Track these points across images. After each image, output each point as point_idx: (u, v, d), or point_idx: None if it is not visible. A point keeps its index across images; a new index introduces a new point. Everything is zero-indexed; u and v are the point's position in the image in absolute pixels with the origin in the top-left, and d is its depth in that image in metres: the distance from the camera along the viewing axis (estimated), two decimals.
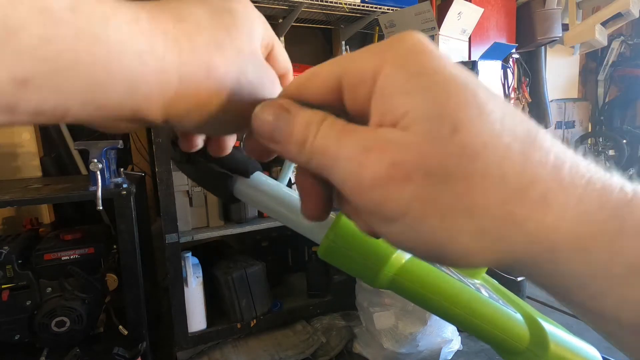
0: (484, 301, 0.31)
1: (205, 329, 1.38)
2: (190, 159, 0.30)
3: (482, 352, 1.45)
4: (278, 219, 0.32)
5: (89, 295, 1.16)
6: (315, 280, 1.60)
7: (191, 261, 1.36)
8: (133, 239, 1.16)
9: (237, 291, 1.40)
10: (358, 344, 1.43)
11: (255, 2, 1.81)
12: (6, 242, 1.16)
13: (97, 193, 1.07)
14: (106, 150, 1.13)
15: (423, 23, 1.68)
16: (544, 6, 2.44)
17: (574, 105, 3.28)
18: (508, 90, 2.55)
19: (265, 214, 1.32)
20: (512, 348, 0.30)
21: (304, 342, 1.44)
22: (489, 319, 0.30)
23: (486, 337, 0.30)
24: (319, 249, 0.31)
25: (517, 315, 0.31)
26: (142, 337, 1.21)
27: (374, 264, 0.30)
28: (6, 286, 1.09)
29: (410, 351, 1.30)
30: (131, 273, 1.18)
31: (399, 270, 0.30)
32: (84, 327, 1.15)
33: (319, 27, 2.24)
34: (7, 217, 1.55)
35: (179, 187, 1.34)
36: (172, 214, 1.26)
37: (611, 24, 2.62)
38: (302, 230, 0.32)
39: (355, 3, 1.88)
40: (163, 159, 1.24)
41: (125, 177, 1.26)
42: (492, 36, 2.35)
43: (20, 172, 1.58)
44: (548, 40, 2.54)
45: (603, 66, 3.24)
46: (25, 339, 1.11)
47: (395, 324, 1.31)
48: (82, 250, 1.17)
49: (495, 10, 2.36)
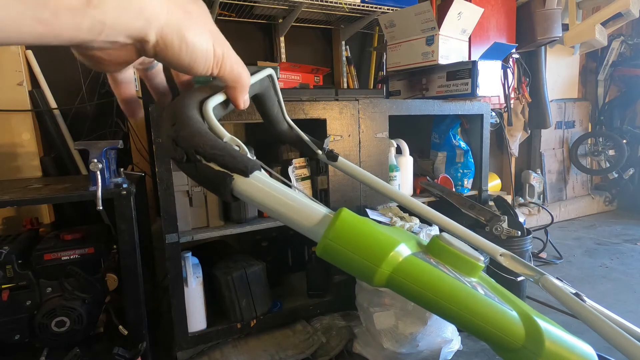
0: (480, 299, 0.31)
1: (205, 329, 1.38)
2: (190, 158, 0.30)
3: (482, 352, 1.45)
4: (277, 218, 0.32)
5: (89, 295, 1.16)
6: (315, 280, 1.60)
7: (191, 261, 1.36)
8: (133, 239, 1.16)
9: (237, 291, 1.40)
10: (358, 344, 1.43)
11: (256, 2, 1.81)
12: (6, 242, 1.16)
13: (97, 193, 1.07)
14: (106, 150, 1.13)
15: (423, 23, 1.68)
16: (544, 6, 2.44)
17: (574, 105, 3.28)
18: (508, 90, 2.55)
19: (265, 213, 1.32)
20: (508, 345, 0.30)
21: (304, 342, 1.44)
22: (485, 316, 0.30)
23: (482, 335, 0.30)
24: (317, 247, 0.31)
25: (513, 313, 0.31)
26: (142, 337, 1.21)
27: (371, 263, 0.30)
28: (6, 286, 1.09)
29: (410, 351, 1.31)
30: (131, 273, 1.18)
31: (396, 269, 0.30)
32: (84, 327, 1.15)
33: (319, 27, 2.24)
34: (7, 217, 1.55)
35: (179, 187, 1.34)
36: (172, 214, 1.26)
37: (611, 24, 2.62)
38: (301, 229, 0.32)
39: (355, 3, 1.88)
40: (163, 159, 1.24)
41: (125, 177, 1.26)
42: (492, 36, 2.35)
43: (20, 172, 1.59)
44: (548, 40, 2.54)
45: (603, 66, 3.24)
46: (25, 339, 1.12)
47: (395, 324, 1.31)
48: (82, 250, 1.17)
49: (495, 10, 2.36)
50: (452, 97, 1.74)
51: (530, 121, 2.88)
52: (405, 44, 1.78)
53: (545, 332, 0.30)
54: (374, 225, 0.31)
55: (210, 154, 0.30)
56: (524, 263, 0.51)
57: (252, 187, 0.31)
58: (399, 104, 1.64)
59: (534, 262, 2.29)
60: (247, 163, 0.31)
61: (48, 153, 1.67)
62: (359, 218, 0.31)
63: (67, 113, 1.70)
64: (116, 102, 1.73)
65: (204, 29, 0.32)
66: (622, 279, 2.07)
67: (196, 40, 0.31)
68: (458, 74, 1.69)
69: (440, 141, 2.03)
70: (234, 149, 0.32)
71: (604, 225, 3.06)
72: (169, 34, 0.29)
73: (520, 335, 0.30)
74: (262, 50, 2.10)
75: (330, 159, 0.66)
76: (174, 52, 0.30)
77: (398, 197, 0.65)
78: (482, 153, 1.92)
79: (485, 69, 1.67)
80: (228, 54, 0.35)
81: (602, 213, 3.44)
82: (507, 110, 2.64)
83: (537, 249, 2.43)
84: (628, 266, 2.23)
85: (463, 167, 1.94)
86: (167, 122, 0.32)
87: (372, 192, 1.61)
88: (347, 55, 2.29)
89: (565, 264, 2.32)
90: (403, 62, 1.81)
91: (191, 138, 0.30)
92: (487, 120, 1.91)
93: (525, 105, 2.82)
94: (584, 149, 3.28)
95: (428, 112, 1.72)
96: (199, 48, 0.31)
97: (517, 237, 1.62)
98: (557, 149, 3.22)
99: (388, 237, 0.30)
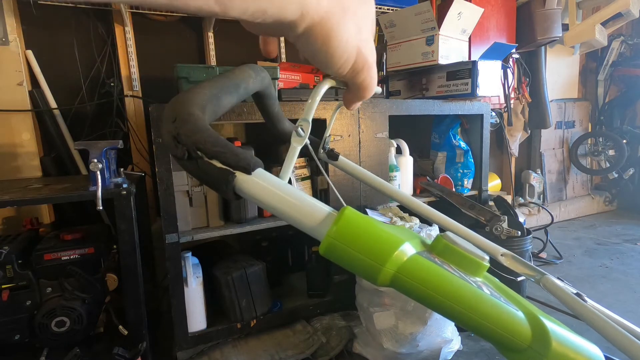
0: (485, 299, 0.30)
1: (205, 329, 1.38)
2: (192, 155, 0.30)
3: (482, 352, 1.45)
4: (280, 216, 0.32)
5: (89, 295, 1.16)
6: (315, 280, 1.60)
7: (191, 261, 1.36)
8: (133, 239, 1.16)
9: (237, 291, 1.39)
10: (358, 344, 1.42)
11: None
12: (6, 242, 1.16)
13: (97, 193, 1.07)
14: (106, 150, 1.13)
15: (423, 23, 1.68)
16: (544, 6, 2.44)
17: (574, 105, 3.28)
18: (508, 90, 2.55)
19: (266, 212, 1.31)
20: (514, 346, 0.30)
21: (304, 342, 1.44)
22: (491, 316, 0.30)
23: (488, 335, 0.30)
24: (321, 246, 0.31)
25: (519, 313, 0.31)
26: (142, 337, 1.21)
27: (376, 262, 0.30)
28: (6, 286, 1.09)
29: (410, 351, 1.30)
30: (131, 273, 1.18)
31: (400, 268, 0.30)
32: (84, 327, 1.15)
33: None
34: (7, 217, 1.55)
35: (179, 187, 1.33)
36: (172, 214, 1.26)
37: (611, 24, 2.62)
38: (304, 228, 0.32)
39: None
40: (163, 159, 1.23)
41: (125, 177, 1.26)
42: (492, 36, 2.35)
43: (20, 172, 1.58)
44: (548, 40, 2.54)
45: (603, 66, 3.24)
46: (25, 339, 1.11)
47: (395, 324, 1.31)
48: (82, 250, 1.17)
49: (495, 10, 2.36)
50: (452, 97, 1.74)
51: (530, 121, 2.88)
52: (405, 44, 1.78)
53: (552, 333, 0.30)
54: (378, 224, 0.31)
55: (212, 151, 0.30)
56: (524, 263, 0.50)
57: (255, 185, 0.31)
58: (399, 104, 1.64)
59: (534, 262, 2.29)
60: (250, 160, 0.31)
61: (48, 153, 1.67)
62: (363, 217, 0.31)
63: (67, 113, 1.70)
64: (116, 102, 1.73)
65: (355, 35, 0.31)
66: (622, 279, 2.07)
67: (342, 44, 0.31)
68: (458, 74, 1.69)
69: (440, 141, 2.02)
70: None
71: (604, 225, 3.06)
72: (316, 32, 0.29)
73: (526, 335, 0.30)
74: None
75: (330, 158, 0.66)
76: (314, 48, 0.30)
77: (398, 197, 0.65)
78: (482, 153, 1.92)
79: (485, 69, 1.67)
80: (369, 65, 0.35)
81: (602, 213, 3.44)
82: (507, 110, 2.64)
83: (537, 249, 2.43)
84: (628, 266, 2.23)
85: (463, 167, 1.93)
86: (167, 119, 0.32)
87: (372, 192, 1.61)
88: None
89: (565, 264, 2.32)
90: (403, 62, 1.81)
91: (192, 135, 0.30)
92: (487, 120, 1.91)
93: (525, 105, 2.82)
94: (584, 149, 3.28)
95: (428, 112, 1.72)
96: (340, 52, 0.31)
97: (517, 237, 1.62)
98: (557, 149, 3.22)
99: (392, 235, 0.30)
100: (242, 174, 0.31)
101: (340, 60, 0.32)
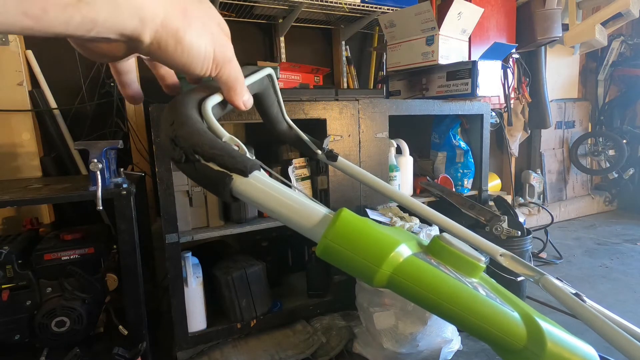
0: (481, 300, 0.31)
1: (205, 329, 1.38)
2: (189, 158, 0.30)
3: (482, 352, 1.45)
4: (277, 218, 0.32)
5: (89, 295, 1.16)
6: (315, 280, 1.60)
7: (191, 261, 1.36)
8: (133, 239, 1.16)
9: (237, 291, 1.40)
10: (358, 344, 1.43)
11: (256, 2, 1.81)
12: (6, 242, 1.16)
13: (97, 193, 1.07)
14: (106, 150, 1.13)
15: (423, 23, 1.68)
16: (544, 6, 2.44)
17: (574, 105, 3.28)
18: (508, 90, 2.55)
19: (265, 213, 1.32)
20: (509, 346, 0.30)
21: (304, 342, 1.44)
22: (487, 317, 0.30)
23: (484, 336, 0.30)
24: (317, 248, 0.31)
25: (514, 314, 0.31)
26: (142, 337, 1.21)
27: (372, 263, 0.30)
28: (6, 286, 1.09)
29: (410, 351, 1.30)
30: (131, 273, 1.18)
31: (396, 269, 0.30)
32: (84, 327, 1.15)
33: (319, 27, 2.24)
34: (7, 217, 1.55)
35: (179, 187, 1.34)
36: (172, 214, 1.26)
37: (611, 24, 2.62)
38: (300, 229, 0.32)
39: (355, 3, 1.88)
40: (163, 159, 1.24)
41: (125, 177, 1.26)
42: (492, 36, 2.35)
43: (20, 172, 1.58)
44: (548, 40, 2.54)
45: (603, 66, 3.24)
46: (25, 339, 1.11)
47: (395, 324, 1.31)
48: (82, 250, 1.17)
49: (495, 10, 2.36)
50: (452, 97, 1.74)
51: (530, 121, 2.88)
52: (405, 44, 1.78)
53: (547, 333, 0.30)
54: (374, 225, 0.31)
55: (209, 153, 0.30)
56: (524, 263, 0.51)
57: (252, 187, 0.31)
58: (399, 104, 1.64)
59: (534, 262, 2.29)
60: (247, 163, 0.31)
61: (48, 153, 1.67)
62: (359, 218, 0.31)
63: (67, 113, 1.70)
64: (116, 102, 1.73)
65: (203, 30, 0.31)
66: (622, 279, 2.07)
67: (194, 42, 0.30)
68: (458, 74, 1.69)
69: (440, 141, 2.03)
70: (233, 149, 0.31)
71: (604, 225, 3.06)
72: (164, 36, 0.28)
73: (521, 336, 0.30)
74: (262, 50, 2.10)
75: (330, 158, 0.66)
76: (168, 53, 0.30)
77: (398, 197, 0.65)
78: (482, 153, 1.92)
79: (485, 69, 1.67)
80: (228, 57, 0.34)
81: (602, 213, 3.44)
82: (507, 110, 2.64)
83: (537, 249, 2.43)
84: (628, 266, 2.23)
85: (463, 167, 1.93)
86: (165, 122, 0.32)
87: (372, 192, 1.61)
88: (347, 55, 2.29)
89: (565, 264, 2.32)
90: (403, 62, 1.81)
91: (190, 137, 0.30)
92: (487, 120, 1.91)
93: (525, 105, 2.82)
94: (584, 149, 3.28)
95: (428, 112, 1.72)
96: (197, 50, 0.31)
97: (517, 237, 1.62)
98: (557, 149, 3.22)
99: (389, 237, 0.30)
100: (239, 176, 0.31)
101: (199, 58, 0.31)
